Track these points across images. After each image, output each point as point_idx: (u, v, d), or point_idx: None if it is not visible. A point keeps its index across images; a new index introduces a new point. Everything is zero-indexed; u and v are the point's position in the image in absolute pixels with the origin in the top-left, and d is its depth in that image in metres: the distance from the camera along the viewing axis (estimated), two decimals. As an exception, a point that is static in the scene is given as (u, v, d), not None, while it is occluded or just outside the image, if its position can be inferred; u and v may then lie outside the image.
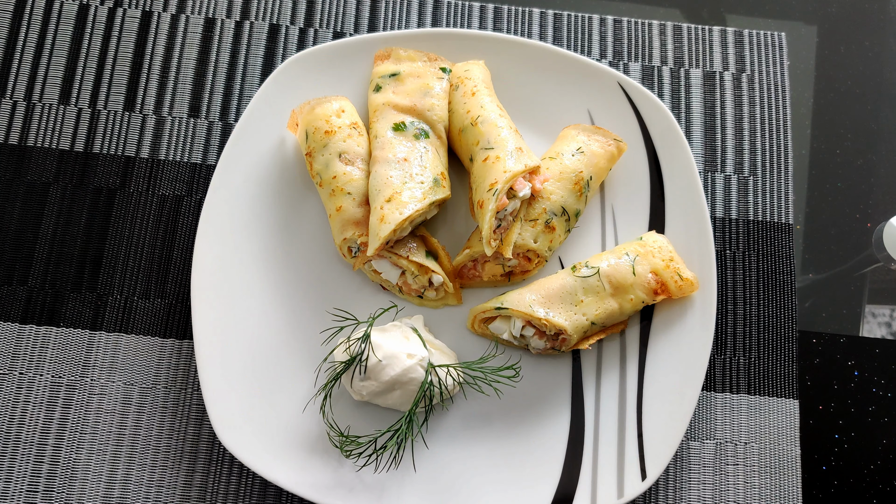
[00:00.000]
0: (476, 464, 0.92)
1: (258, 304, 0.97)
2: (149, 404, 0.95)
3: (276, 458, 0.90)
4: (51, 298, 0.99)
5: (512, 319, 0.93)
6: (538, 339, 0.93)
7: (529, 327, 0.93)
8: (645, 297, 0.94)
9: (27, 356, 0.96)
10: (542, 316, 0.91)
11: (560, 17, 1.12)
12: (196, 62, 1.09)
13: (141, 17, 1.10)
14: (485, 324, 0.96)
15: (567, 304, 0.92)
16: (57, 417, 0.94)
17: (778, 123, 1.09)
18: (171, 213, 1.03)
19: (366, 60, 1.04)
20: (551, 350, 0.94)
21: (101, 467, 0.93)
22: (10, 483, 0.92)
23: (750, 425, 0.97)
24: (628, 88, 1.02)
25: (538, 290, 0.94)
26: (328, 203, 0.97)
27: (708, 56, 1.11)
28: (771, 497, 0.94)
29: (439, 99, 1.00)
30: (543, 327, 0.92)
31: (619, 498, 0.90)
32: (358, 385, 0.89)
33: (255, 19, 1.11)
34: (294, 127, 1.01)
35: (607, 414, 0.94)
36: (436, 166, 0.96)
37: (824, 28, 1.14)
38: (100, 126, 1.06)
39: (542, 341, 0.93)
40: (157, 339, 0.98)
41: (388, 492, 0.90)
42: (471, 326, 0.96)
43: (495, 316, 0.94)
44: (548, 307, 0.92)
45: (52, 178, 1.03)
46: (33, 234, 1.01)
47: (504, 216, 0.92)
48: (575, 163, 0.98)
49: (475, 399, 0.95)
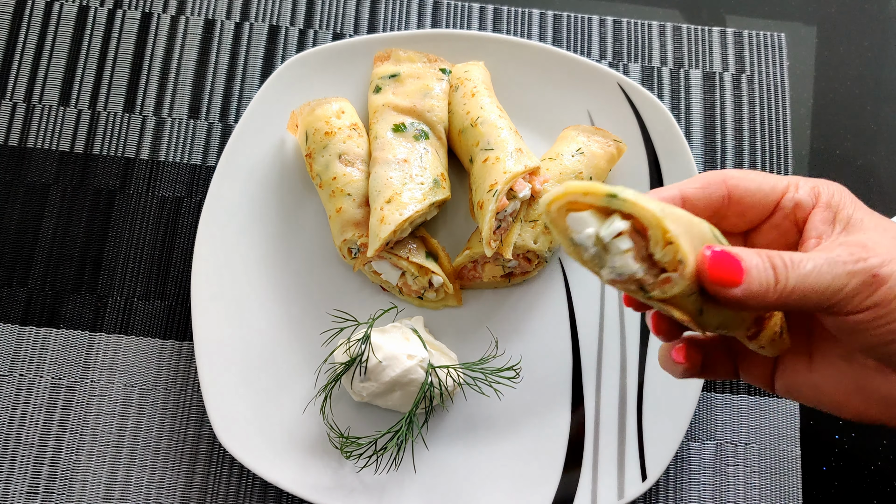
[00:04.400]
0: (476, 465, 0.92)
1: (258, 306, 0.97)
2: (149, 405, 0.95)
3: (277, 459, 0.90)
4: (51, 300, 0.99)
5: (612, 218, 0.58)
6: (632, 259, 0.57)
7: (631, 239, 0.58)
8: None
9: (27, 358, 0.96)
10: (674, 231, 0.56)
11: (560, 18, 1.12)
12: (196, 63, 1.09)
13: (140, 19, 1.10)
14: (565, 211, 0.60)
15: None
16: (57, 419, 0.94)
17: (778, 124, 1.09)
18: (171, 215, 1.03)
19: (366, 61, 1.04)
20: (632, 285, 0.58)
21: (101, 468, 0.93)
22: (10, 484, 0.92)
23: (750, 426, 0.97)
24: (628, 89, 1.02)
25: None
26: (328, 204, 0.97)
27: (707, 57, 1.11)
28: (771, 498, 0.94)
29: (439, 100, 1.00)
30: (660, 248, 0.57)
31: (620, 499, 0.90)
32: (358, 386, 0.89)
33: (254, 20, 1.11)
34: (294, 128, 1.01)
35: (607, 414, 0.94)
36: (436, 167, 0.96)
37: (824, 28, 1.14)
38: (100, 127, 1.06)
39: (638, 264, 0.58)
40: (157, 341, 0.98)
41: (388, 493, 0.90)
42: (547, 207, 0.60)
43: (585, 207, 0.59)
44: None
45: (51, 180, 1.03)
46: (33, 236, 1.01)
47: (504, 217, 0.92)
48: (575, 164, 0.98)
49: (475, 400, 0.95)
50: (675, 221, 0.56)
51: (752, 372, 0.70)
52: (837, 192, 0.66)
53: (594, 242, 0.58)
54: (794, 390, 0.68)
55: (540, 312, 0.98)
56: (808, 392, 0.67)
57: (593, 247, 0.59)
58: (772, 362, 0.69)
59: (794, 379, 0.67)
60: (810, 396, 0.67)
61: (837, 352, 0.66)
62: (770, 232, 0.68)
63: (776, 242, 0.68)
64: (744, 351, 0.70)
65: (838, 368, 0.65)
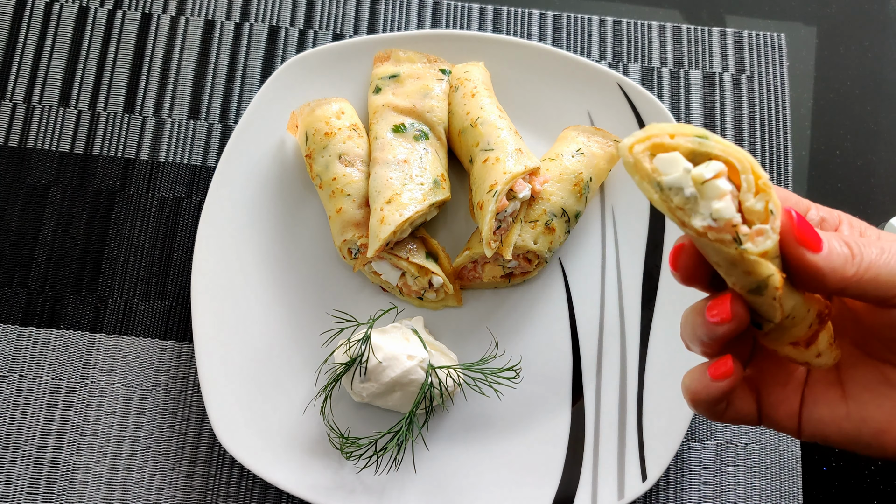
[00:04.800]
0: (476, 465, 0.92)
1: (258, 306, 0.97)
2: (149, 406, 0.95)
3: (277, 460, 0.90)
4: (51, 301, 0.99)
5: (708, 163, 0.52)
6: (730, 201, 0.52)
7: (725, 183, 0.52)
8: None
9: (27, 358, 0.96)
10: (766, 178, 0.53)
11: (559, 18, 1.12)
12: (196, 64, 1.09)
13: (140, 19, 1.10)
14: (649, 155, 0.54)
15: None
16: (57, 419, 0.94)
17: (778, 124, 1.09)
18: (171, 215, 1.03)
19: (365, 62, 1.04)
20: (727, 234, 0.52)
21: (101, 469, 0.93)
22: (10, 485, 0.92)
23: (750, 426, 0.97)
24: (628, 89, 1.02)
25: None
26: (328, 204, 0.97)
27: (707, 57, 1.11)
28: (771, 498, 0.94)
29: (439, 100, 1.00)
30: (752, 195, 0.53)
31: (620, 499, 0.90)
32: (358, 387, 0.89)
33: (254, 21, 1.11)
34: (294, 129, 1.01)
35: (607, 414, 0.94)
36: (436, 168, 0.96)
37: (824, 29, 1.14)
38: (99, 128, 1.06)
39: (733, 210, 0.52)
40: (157, 341, 0.98)
41: (388, 493, 0.90)
42: (629, 149, 0.54)
43: (671, 148, 0.54)
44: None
45: (51, 181, 1.03)
46: (33, 237, 1.01)
47: (504, 217, 0.92)
48: (575, 164, 0.98)
49: (475, 400, 0.95)
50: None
51: (778, 409, 0.64)
52: (855, 219, 0.64)
53: (685, 178, 0.53)
54: (829, 428, 0.62)
55: (540, 313, 0.98)
56: (848, 425, 0.61)
57: (690, 188, 0.53)
58: (799, 397, 0.64)
59: (830, 413, 0.62)
60: (849, 430, 0.61)
61: (874, 375, 0.62)
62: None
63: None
64: (769, 386, 0.65)
65: (878, 392, 0.61)
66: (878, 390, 0.61)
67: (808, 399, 0.64)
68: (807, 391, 0.64)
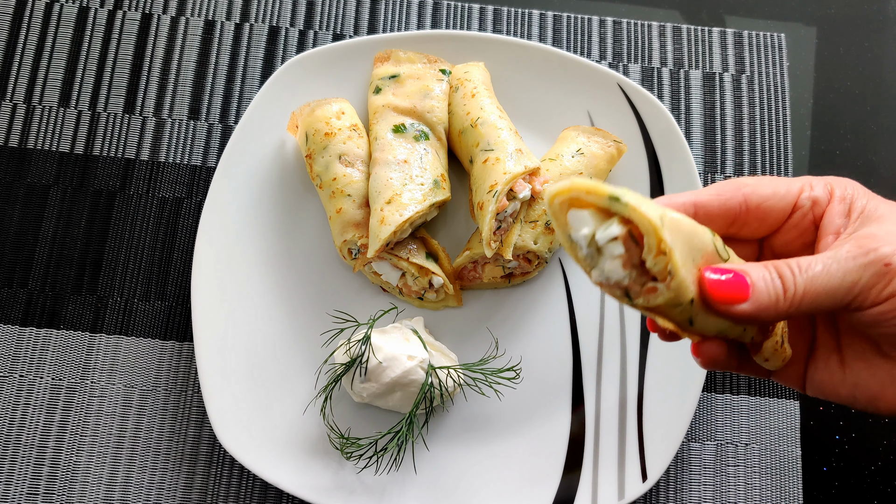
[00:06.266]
0: (477, 465, 0.92)
1: (258, 306, 0.97)
2: (149, 406, 0.95)
3: (277, 460, 0.90)
4: (51, 301, 0.99)
5: (610, 221, 0.58)
6: (621, 266, 0.58)
7: (624, 245, 0.58)
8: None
9: (27, 359, 0.96)
10: (669, 242, 0.56)
11: (560, 18, 1.12)
12: (196, 64, 1.09)
13: (141, 20, 1.10)
14: (567, 206, 0.60)
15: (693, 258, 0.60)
16: (57, 420, 0.94)
17: (778, 124, 1.09)
18: (171, 216, 1.03)
19: (366, 62, 1.04)
20: (618, 290, 0.59)
21: (102, 469, 0.93)
22: (10, 485, 0.92)
23: (751, 426, 0.97)
24: (628, 90, 1.02)
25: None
26: (328, 205, 0.97)
27: (707, 57, 1.11)
28: (772, 498, 0.94)
29: (439, 101, 1.00)
30: (652, 256, 0.57)
31: (620, 499, 0.89)
32: (358, 387, 0.89)
33: (254, 21, 1.11)
34: (294, 129, 1.01)
35: (608, 414, 0.94)
36: (436, 168, 0.96)
37: (824, 29, 1.14)
38: (100, 128, 1.06)
39: (626, 271, 0.58)
40: (158, 342, 0.98)
41: (388, 493, 0.90)
42: (550, 200, 0.59)
43: (588, 205, 0.58)
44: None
45: (52, 181, 1.03)
46: (33, 237, 1.01)
47: (504, 218, 0.92)
48: (575, 164, 0.98)
49: (475, 401, 0.95)
50: (673, 231, 0.56)
51: (785, 371, 0.70)
52: (850, 186, 0.67)
53: (588, 243, 0.59)
54: (828, 389, 0.68)
55: (540, 313, 0.98)
56: (843, 390, 0.66)
57: (587, 247, 0.59)
58: (804, 362, 0.69)
59: (829, 378, 0.67)
60: (845, 394, 0.66)
61: (868, 346, 0.66)
62: (789, 232, 0.68)
63: (795, 241, 0.68)
64: None
65: (871, 362, 0.65)
66: (872, 360, 0.65)
67: (811, 363, 0.69)
68: (811, 356, 0.69)
